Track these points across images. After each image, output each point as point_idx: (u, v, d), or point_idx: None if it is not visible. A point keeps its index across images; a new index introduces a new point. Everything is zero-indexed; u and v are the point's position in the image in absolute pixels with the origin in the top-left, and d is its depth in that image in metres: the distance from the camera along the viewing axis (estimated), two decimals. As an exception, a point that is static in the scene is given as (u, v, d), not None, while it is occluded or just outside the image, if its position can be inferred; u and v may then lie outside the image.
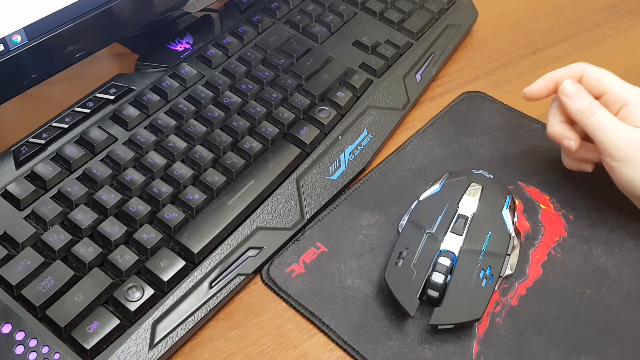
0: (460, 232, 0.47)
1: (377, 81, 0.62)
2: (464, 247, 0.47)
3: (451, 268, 0.46)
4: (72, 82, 0.60)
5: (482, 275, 0.46)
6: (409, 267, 0.46)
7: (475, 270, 0.46)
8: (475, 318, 0.45)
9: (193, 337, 0.46)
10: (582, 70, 0.53)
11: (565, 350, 0.46)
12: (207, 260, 0.48)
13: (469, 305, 0.45)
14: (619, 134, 0.49)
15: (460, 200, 0.49)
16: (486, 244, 0.47)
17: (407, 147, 0.59)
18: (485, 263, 0.46)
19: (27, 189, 0.49)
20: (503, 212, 0.49)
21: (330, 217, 0.53)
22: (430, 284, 0.46)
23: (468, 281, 0.46)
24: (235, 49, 0.63)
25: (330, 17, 0.67)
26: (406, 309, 0.45)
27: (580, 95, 0.51)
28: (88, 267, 0.46)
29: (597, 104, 0.50)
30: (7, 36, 0.48)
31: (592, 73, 0.52)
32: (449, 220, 0.48)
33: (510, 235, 0.48)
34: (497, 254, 0.47)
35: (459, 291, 0.45)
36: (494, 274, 0.46)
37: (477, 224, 0.48)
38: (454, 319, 0.45)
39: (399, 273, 0.46)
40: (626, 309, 0.48)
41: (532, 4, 0.76)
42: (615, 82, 0.52)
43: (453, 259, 0.46)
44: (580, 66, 0.53)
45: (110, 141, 0.53)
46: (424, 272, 0.46)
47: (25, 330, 0.43)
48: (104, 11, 0.54)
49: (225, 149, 0.54)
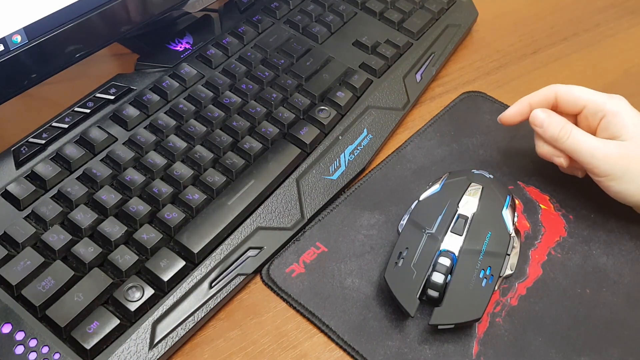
0: (460, 232, 0.47)
1: (377, 81, 0.62)
2: (464, 247, 0.47)
3: (451, 268, 0.46)
4: (72, 82, 0.60)
5: (482, 275, 0.46)
6: (409, 267, 0.46)
7: (475, 270, 0.46)
8: (475, 318, 0.45)
9: (193, 337, 0.46)
10: (554, 92, 0.53)
11: (565, 350, 0.46)
12: (207, 260, 0.48)
13: (469, 305, 0.45)
14: (597, 152, 0.49)
15: (460, 200, 0.49)
16: (486, 244, 0.47)
17: (407, 147, 0.59)
18: (485, 263, 0.46)
19: (27, 189, 0.49)
20: (503, 212, 0.49)
21: (330, 217, 0.53)
22: (430, 284, 0.46)
23: (468, 281, 0.46)
24: (235, 49, 0.63)
25: (330, 17, 0.67)
26: (406, 309, 0.45)
27: (550, 121, 0.51)
28: (88, 267, 0.46)
29: (569, 127, 0.51)
30: (7, 36, 0.48)
31: (565, 92, 0.53)
32: (449, 220, 0.48)
33: (510, 235, 0.48)
34: (497, 254, 0.47)
35: (459, 291, 0.45)
36: (494, 274, 0.46)
37: (477, 224, 0.48)
38: (454, 319, 0.45)
39: (399, 273, 0.46)
40: (626, 309, 0.48)
41: (532, 4, 0.76)
42: (591, 95, 0.52)
43: (453, 259, 0.46)
44: (552, 88, 0.53)
45: (110, 141, 0.53)
46: (424, 272, 0.46)
47: (25, 330, 0.43)
48: (104, 11, 0.54)
49: (225, 149, 0.54)
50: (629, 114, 0.50)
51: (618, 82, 0.66)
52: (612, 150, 0.49)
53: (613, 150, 0.49)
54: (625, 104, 0.51)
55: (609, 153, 0.49)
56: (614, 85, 0.66)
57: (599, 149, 0.49)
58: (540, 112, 0.52)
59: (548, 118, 0.51)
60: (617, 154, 0.49)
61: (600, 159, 0.49)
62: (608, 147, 0.49)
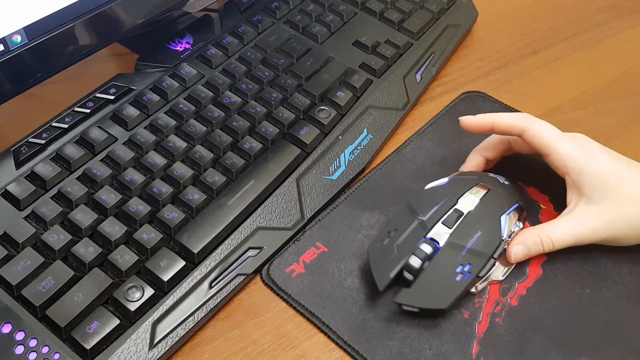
0: (450, 225, 0.48)
1: (377, 81, 0.62)
2: (449, 240, 0.47)
3: (431, 256, 0.46)
4: (72, 82, 0.60)
5: (459, 270, 0.46)
6: (392, 246, 0.47)
7: (454, 263, 0.46)
8: (440, 307, 0.46)
9: (193, 337, 0.46)
10: (523, 127, 0.50)
11: (565, 350, 0.46)
12: (207, 260, 0.48)
13: (437, 294, 0.46)
14: (582, 236, 0.48)
15: (461, 197, 0.49)
16: (473, 242, 0.47)
17: (407, 147, 0.59)
18: (466, 260, 0.46)
19: (27, 189, 0.49)
20: (502, 217, 0.48)
21: (330, 217, 0.53)
22: (407, 266, 0.46)
23: (443, 272, 0.46)
24: (235, 49, 0.63)
25: (330, 17, 0.67)
26: (377, 283, 0.46)
27: (529, 247, 0.49)
28: (88, 267, 0.46)
29: (542, 234, 0.49)
30: (7, 36, 0.48)
31: (533, 134, 0.50)
32: (443, 211, 0.48)
33: (502, 240, 0.48)
34: (481, 254, 0.47)
35: (431, 278, 0.46)
36: (472, 272, 0.46)
37: (470, 221, 0.48)
38: (419, 303, 0.46)
39: (382, 250, 0.48)
40: (626, 309, 0.48)
41: (532, 4, 0.76)
42: (558, 147, 0.49)
43: (436, 248, 0.47)
44: (523, 121, 0.50)
45: (110, 141, 0.53)
46: (404, 254, 0.47)
47: (25, 330, 0.43)
48: (104, 11, 0.54)
49: (225, 149, 0.54)
50: (592, 171, 0.48)
51: (618, 82, 0.66)
52: (597, 226, 0.48)
53: (598, 226, 0.48)
54: (587, 155, 0.49)
55: (595, 229, 0.48)
56: (614, 85, 0.66)
57: (583, 234, 0.48)
58: (520, 249, 0.49)
59: (525, 248, 0.49)
60: (603, 227, 0.48)
61: (589, 235, 0.48)
62: (590, 228, 0.48)
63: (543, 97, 0.64)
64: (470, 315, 0.47)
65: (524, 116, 0.51)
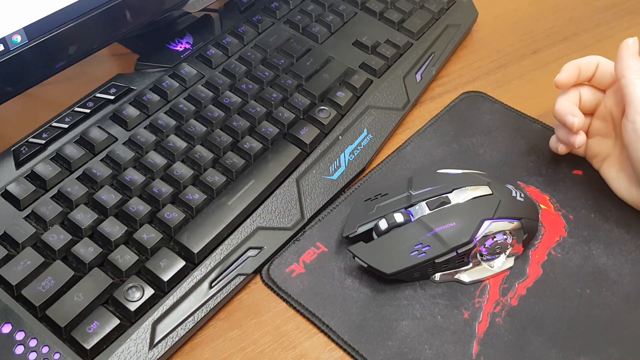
0: (432, 207, 0.49)
1: (377, 81, 0.62)
2: (421, 218, 0.48)
3: (400, 225, 0.48)
4: (72, 82, 0.60)
5: (417, 247, 0.47)
6: (374, 206, 0.50)
7: (415, 239, 0.47)
8: (384, 271, 0.47)
9: (193, 337, 0.46)
10: (597, 61, 0.53)
11: (565, 350, 0.46)
12: (207, 260, 0.48)
13: (387, 258, 0.47)
14: None
15: (458, 189, 0.50)
16: (442, 229, 0.47)
17: (407, 147, 0.59)
18: (428, 241, 0.47)
19: (27, 189, 0.49)
20: (486, 221, 0.48)
21: (330, 217, 0.53)
22: (376, 227, 0.49)
23: (402, 243, 0.47)
24: (235, 49, 0.63)
25: (330, 17, 0.67)
26: (344, 230, 0.50)
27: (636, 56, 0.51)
28: (88, 267, 0.46)
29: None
30: (7, 36, 0.48)
31: (605, 64, 0.53)
32: (433, 194, 0.50)
33: (469, 242, 0.47)
34: (444, 242, 0.47)
35: (389, 243, 0.48)
36: (427, 253, 0.47)
37: (451, 211, 0.48)
38: (368, 259, 0.47)
39: (364, 206, 0.51)
40: (626, 309, 0.48)
41: (532, 4, 0.76)
42: None
43: (408, 221, 0.48)
44: (596, 58, 0.54)
45: (110, 141, 0.53)
46: (378, 216, 0.49)
47: (25, 330, 0.43)
48: (104, 11, 0.54)
49: (225, 149, 0.54)
50: None
51: (618, 82, 0.66)
52: None
53: None
54: None
55: None
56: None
57: None
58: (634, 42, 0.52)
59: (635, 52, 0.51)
60: None
61: None
62: None
63: (543, 97, 0.64)
64: (470, 315, 0.47)
65: (595, 56, 0.54)
